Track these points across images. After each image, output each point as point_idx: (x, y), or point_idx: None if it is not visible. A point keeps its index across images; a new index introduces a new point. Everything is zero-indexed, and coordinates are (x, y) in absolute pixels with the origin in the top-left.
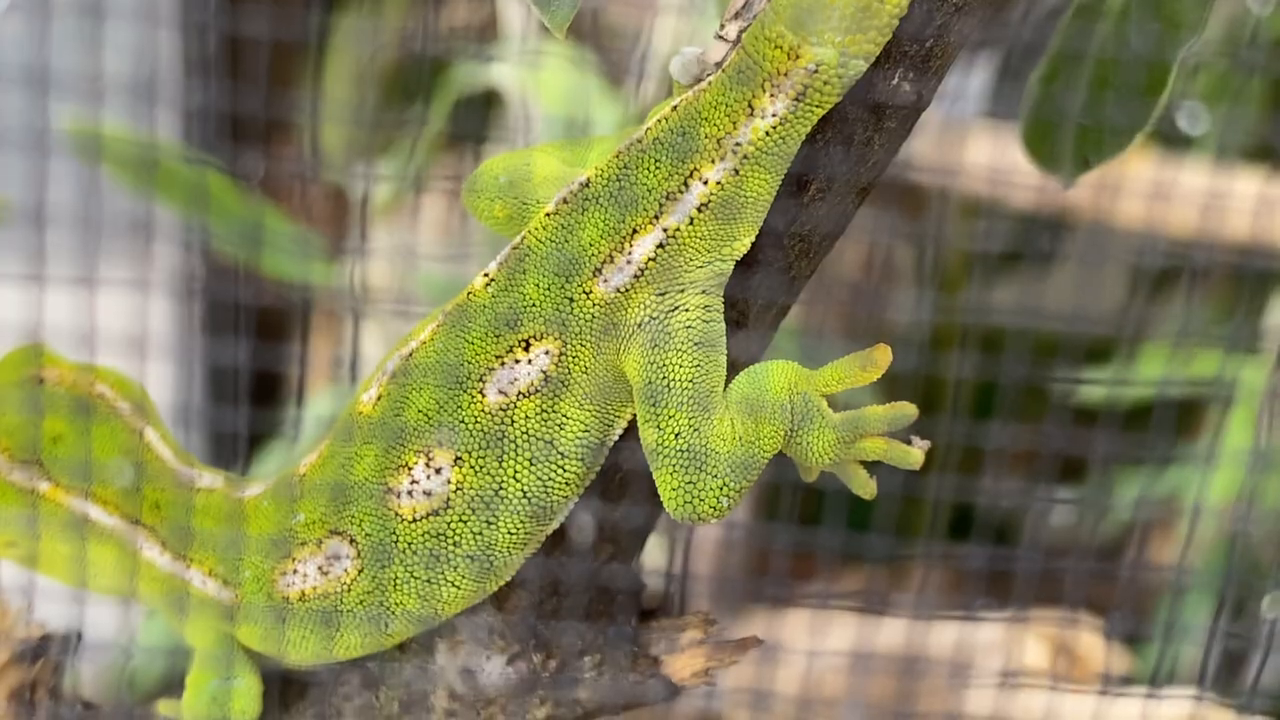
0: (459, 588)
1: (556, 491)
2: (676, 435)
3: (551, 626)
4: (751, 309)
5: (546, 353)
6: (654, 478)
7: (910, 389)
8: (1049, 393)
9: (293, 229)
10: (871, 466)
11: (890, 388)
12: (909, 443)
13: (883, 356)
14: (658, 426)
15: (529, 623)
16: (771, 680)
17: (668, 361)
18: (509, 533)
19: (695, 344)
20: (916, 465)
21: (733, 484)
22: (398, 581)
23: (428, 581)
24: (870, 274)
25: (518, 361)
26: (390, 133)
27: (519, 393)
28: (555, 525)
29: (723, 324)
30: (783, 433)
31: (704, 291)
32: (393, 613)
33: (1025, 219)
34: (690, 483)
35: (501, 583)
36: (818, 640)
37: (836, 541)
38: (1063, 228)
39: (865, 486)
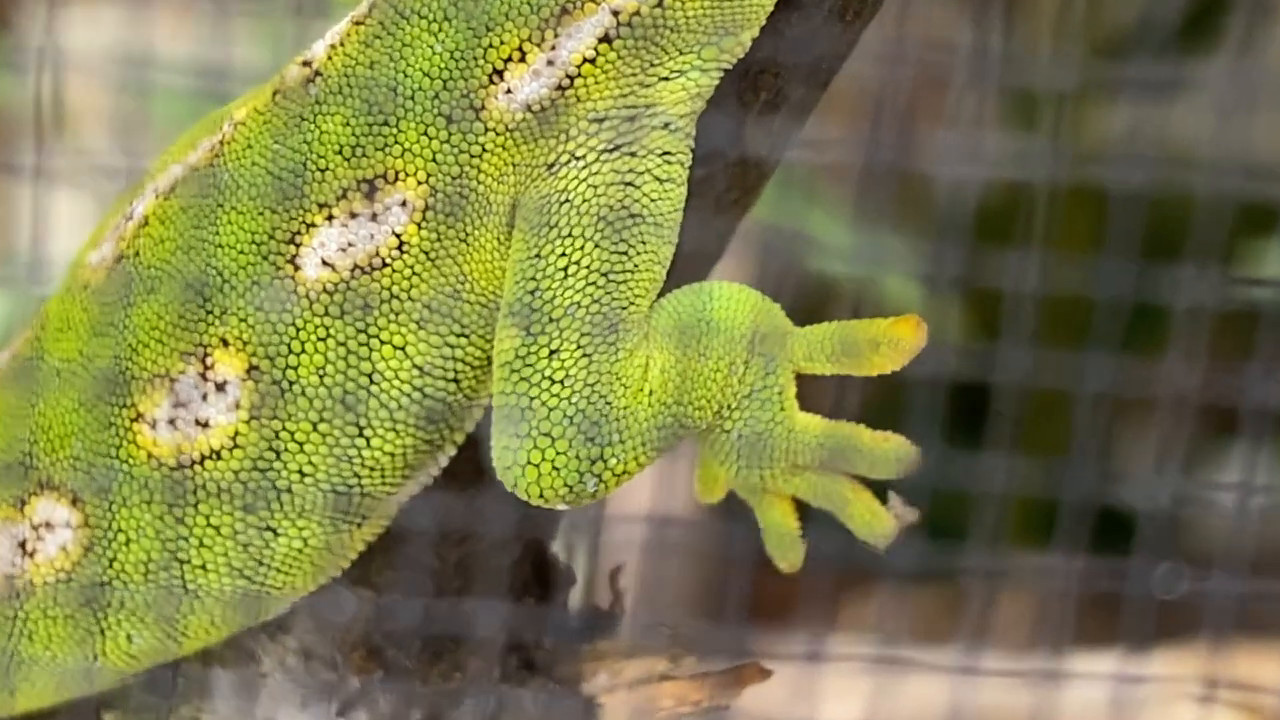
0: (256, 581)
1: (415, 429)
2: (552, 354)
3: (416, 649)
4: (750, 107)
5: (404, 204)
6: (492, 418)
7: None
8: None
9: None
10: (812, 515)
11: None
12: (884, 500)
13: (910, 334)
14: (526, 331)
15: (378, 642)
16: None
17: (574, 232)
18: (339, 491)
19: (631, 215)
20: (881, 542)
21: (627, 452)
22: (151, 567)
23: (202, 569)
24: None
25: (355, 215)
26: None
27: (356, 266)
28: (423, 480)
29: (683, 189)
30: (726, 390)
31: (668, 125)
32: (142, 620)
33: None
34: (547, 436)
35: (331, 574)
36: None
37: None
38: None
39: (786, 547)
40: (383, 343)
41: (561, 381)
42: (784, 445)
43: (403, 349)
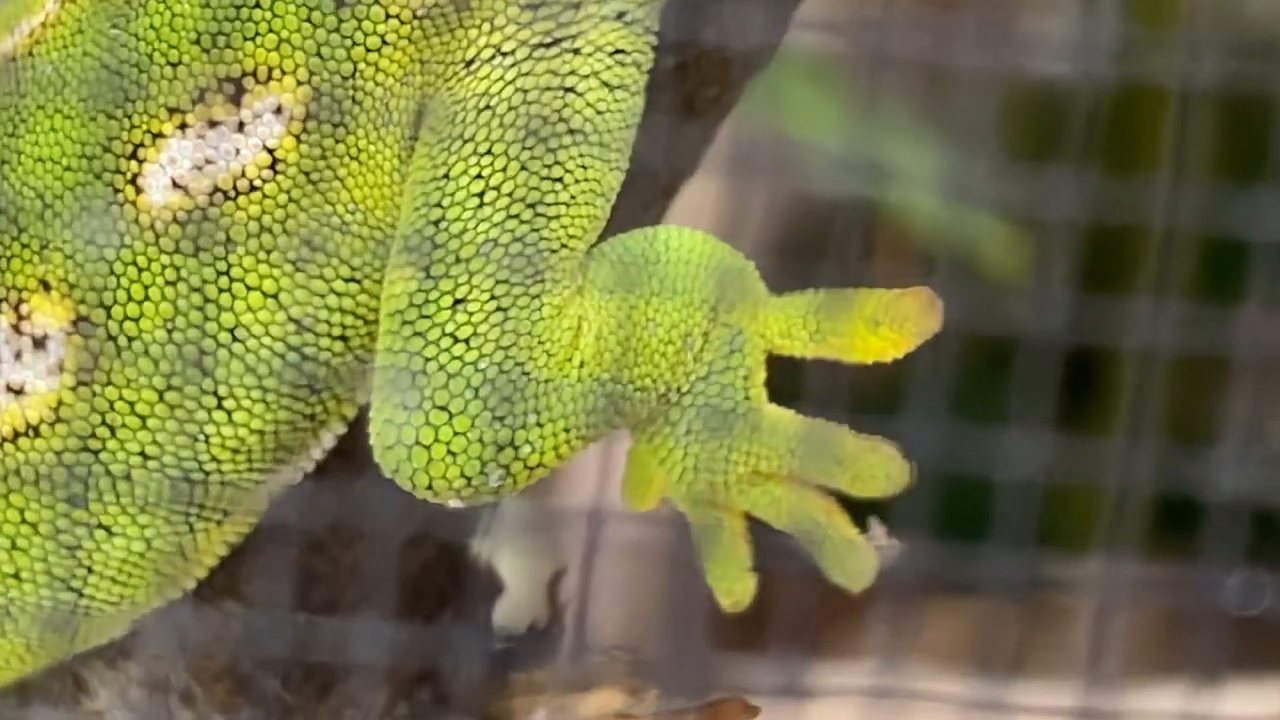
0: (85, 593)
1: (291, 399)
2: (456, 305)
3: (297, 678)
4: None
5: (278, 110)
6: (374, 383)
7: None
8: None
9: None
10: (765, 541)
11: None
12: (864, 530)
13: (920, 313)
14: (425, 273)
15: (248, 669)
16: None
17: (494, 148)
18: (193, 478)
19: (570, 129)
20: (856, 582)
21: (544, 438)
22: None
23: (14, 577)
24: None
25: (215, 123)
26: None
27: (216, 189)
28: (303, 465)
29: (638, 100)
30: (678, 367)
31: (622, 16)
32: None
33: None
34: (443, 410)
35: (184, 584)
36: None
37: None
38: None
39: (732, 578)
40: (249, 288)
41: (467, 341)
42: (745, 446)
43: (275, 296)
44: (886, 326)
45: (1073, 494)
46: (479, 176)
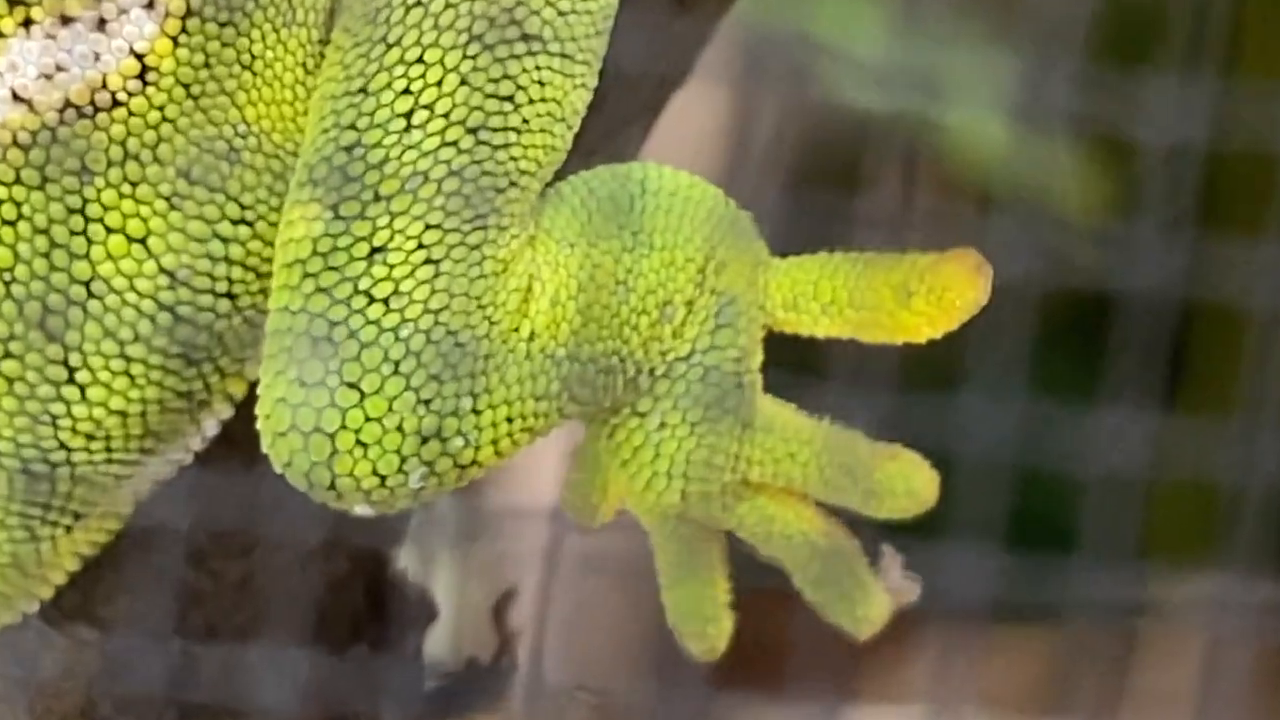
0: None
1: (163, 371)
2: (374, 254)
3: None
4: None
5: (151, 4)
6: (264, 351)
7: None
8: None
9: None
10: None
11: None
12: (874, 560)
13: (965, 281)
14: (333, 212)
15: (107, 711)
16: None
17: (427, 56)
18: (34, 471)
19: (523, 35)
20: (864, 628)
21: (482, 430)
22: None
23: None
24: None
25: (69, 20)
26: None
27: (69, 104)
28: (177, 455)
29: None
30: (652, 344)
31: None
32: None
33: None
34: (354, 388)
35: (22, 605)
36: None
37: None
38: None
39: (705, 616)
40: (110, 231)
41: (385, 301)
42: (734, 448)
43: (143, 241)
44: (921, 298)
45: (1178, 494)
46: (406, 91)
